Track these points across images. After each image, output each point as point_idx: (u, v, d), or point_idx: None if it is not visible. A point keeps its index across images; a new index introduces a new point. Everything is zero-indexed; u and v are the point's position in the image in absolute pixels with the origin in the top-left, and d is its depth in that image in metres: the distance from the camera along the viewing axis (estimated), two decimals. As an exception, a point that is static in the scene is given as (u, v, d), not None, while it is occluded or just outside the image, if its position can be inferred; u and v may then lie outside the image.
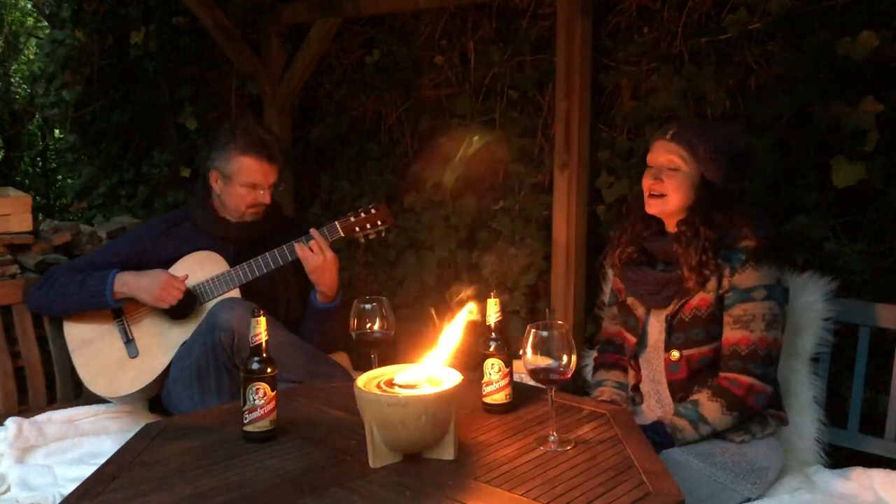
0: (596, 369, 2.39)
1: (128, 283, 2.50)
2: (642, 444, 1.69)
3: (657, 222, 2.18)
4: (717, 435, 2.05)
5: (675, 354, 2.10)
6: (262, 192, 2.55)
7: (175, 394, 2.39)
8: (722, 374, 2.06)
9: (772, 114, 2.54)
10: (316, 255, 2.48)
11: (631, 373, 2.26)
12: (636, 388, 2.25)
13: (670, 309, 2.11)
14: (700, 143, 2.05)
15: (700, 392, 2.07)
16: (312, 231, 2.51)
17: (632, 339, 2.22)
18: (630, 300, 2.23)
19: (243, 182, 2.53)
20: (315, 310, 2.60)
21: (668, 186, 2.08)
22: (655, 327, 2.16)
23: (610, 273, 2.39)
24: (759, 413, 2.08)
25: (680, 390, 2.11)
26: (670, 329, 2.11)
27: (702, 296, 2.07)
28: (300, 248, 2.48)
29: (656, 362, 2.17)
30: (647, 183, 2.12)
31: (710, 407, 2.02)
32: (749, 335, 2.02)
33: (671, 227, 2.14)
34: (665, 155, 2.09)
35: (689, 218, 2.08)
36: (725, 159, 2.05)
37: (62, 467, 2.35)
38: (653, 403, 2.20)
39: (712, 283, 2.05)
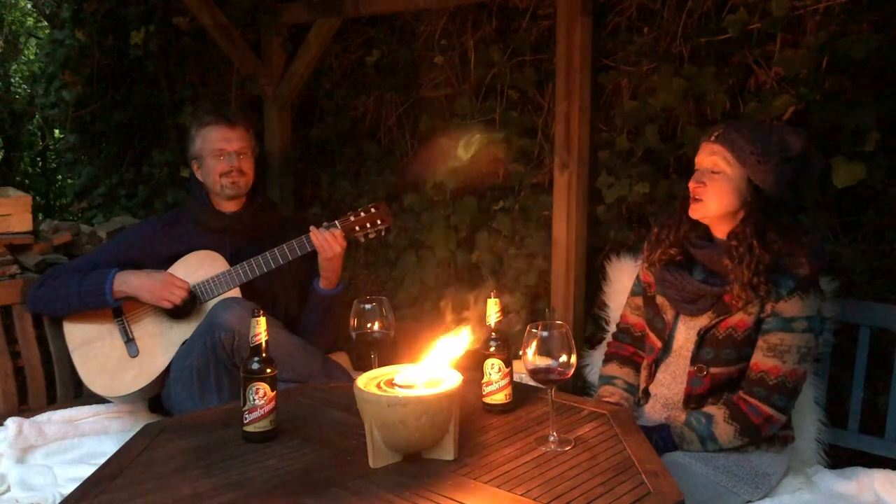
0: (607, 360, 2.31)
1: (128, 281, 2.50)
2: (642, 444, 1.69)
3: (704, 226, 2.08)
4: None
5: (703, 370, 2.03)
6: (229, 157, 2.58)
7: (175, 393, 2.39)
8: (743, 395, 2.00)
9: (772, 114, 2.53)
10: (335, 244, 2.49)
11: (644, 374, 2.20)
12: (645, 389, 2.19)
13: (705, 322, 2.03)
14: (746, 145, 1.94)
15: (715, 407, 2.02)
16: (327, 224, 2.52)
17: (657, 342, 2.14)
18: (660, 300, 2.15)
19: (209, 152, 2.59)
20: (319, 298, 2.61)
21: (710, 190, 1.98)
22: (683, 334, 2.09)
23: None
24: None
25: (695, 401, 2.06)
26: (701, 343, 2.03)
27: (741, 316, 1.98)
28: (316, 238, 2.49)
29: (677, 371, 2.10)
30: (690, 185, 2.04)
31: (723, 429, 1.99)
32: (780, 366, 1.96)
33: (718, 233, 2.05)
34: (708, 157, 2.00)
35: (741, 232, 1.96)
36: (777, 164, 1.93)
37: (62, 467, 2.36)
38: (658, 406, 2.15)
39: (754, 306, 1.97)
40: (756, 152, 1.93)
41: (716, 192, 1.99)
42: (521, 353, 1.68)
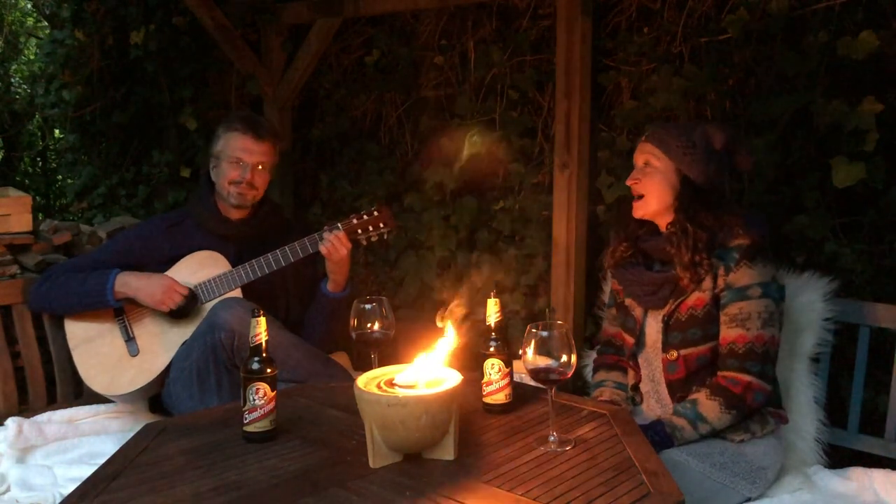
0: (596, 370, 2.40)
1: (129, 283, 2.50)
2: (642, 444, 1.69)
3: (651, 222, 2.20)
4: (717, 434, 2.05)
5: (673, 354, 2.10)
6: (245, 168, 2.56)
7: (175, 393, 2.39)
8: (720, 373, 2.06)
9: (772, 114, 2.54)
10: (341, 248, 2.49)
11: (630, 373, 2.27)
12: (636, 387, 2.25)
13: (667, 309, 2.12)
14: (672, 140, 2.09)
15: (699, 391, 2.07)
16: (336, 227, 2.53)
17: (630, 339, 2.23)
18: (628, 301, 2.24)
19: (229, 157, 2.56)
20: (326, 300, 2.61)
21: (646, 185, 2.12)
22: (653, 327, 2.17)
23: (610, 274, 2.40)
24: (757, 411, 2.08)
25: (679, 390, 2.12)
26: (667, 329, 2.12)
27: (697, 295, 2.08)
28: (323, 245, 2.49)
29: (655, 362, 2.17)
30: (629, 183, 2.17)
31: (708, 406, 2.03)
32: (745, 333, 2.02)
33: (662, 226, 2.16)
34: (641, 155, 2.15)
35: (676, 218, 2.10)
36: (702, 155, 2.07)
37: (62, 467, 2.36)
38: (652, 403, 2.20)
39: (707, 283, 2.06)
40: (681, 145, 2.08)
41: (651, 186, 2.11)
42: (521, 353, 1.68)
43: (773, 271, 2.08)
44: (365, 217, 2.54)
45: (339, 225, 2.52)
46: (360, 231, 2.53)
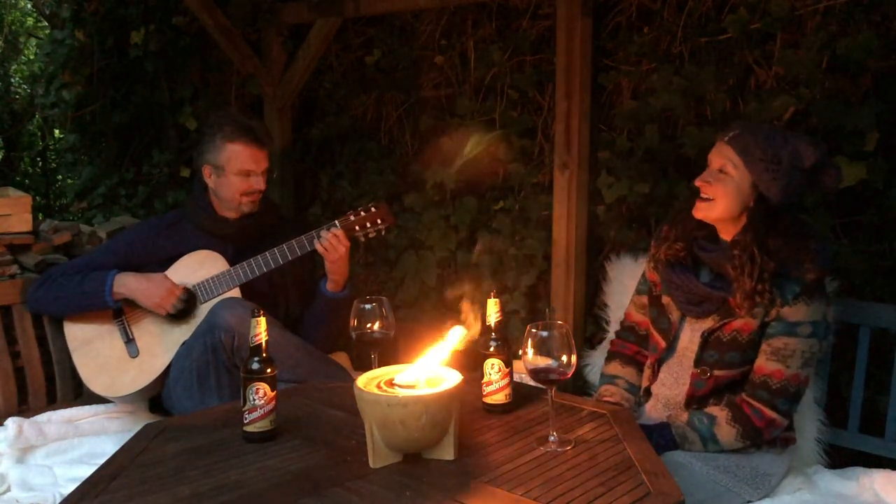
0: (610, 358, 2.29)
1: (127, 284, 2.50)
2: (642, 444, 1.69)
3: (711, 226, 2.06)
4: None
5: (706, 372, 2.02)
6: (255, 178, 2.56)
7: (175, 394, 2.39)
8: (746, 398, 1.99)
9: (772, 114, 2.53)
10: (339, 247, 2.48)
11: (647, 373, 2.18)
12: (647, 389, 2.18)
13: (709, 324, 2.01)
14: (757, 150, 1.91)
15: (717, 408, 2.02)
16: (329, 224, 2.51)
17: (661, 342, 2.12)
18: (665, 299, 2.13)
19: (236, 170, 2.54)
20: (325, 300, 2.60)
21: (717, 191, 1.96)
22: (687, 335, 2.08)
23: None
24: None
25: (697, 403, 2.06)
26: (705, 345, 2.02)
27: (746, 320, 1.97)
28: (320, 243, 2.48)
29: (680, 372, 2.09)
30: (697, 183, 2.01)
31: (726, 430, 1.98)
32: (784, 370, 1.95)
33: (725, 235, 2.03)
34: (718, 158, 1.98)
35: (742, 240, 1.94)
36: (785, 173, 1.89)
37: (62, 467, 2.36)
38: (659, 406, 2.14)
39: (759, 310, 1.95)
40: (766, 160, 1.90)
41: (721, 194, 1.96)
42: (521, 353, 1.68)
43: (825, 309, 1.99)
44: (363, 214, 2.53)
45: (336, 223, 2.52)
46: (358, 228, 2.52)
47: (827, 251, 1.98)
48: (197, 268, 2.56)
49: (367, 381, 1.64)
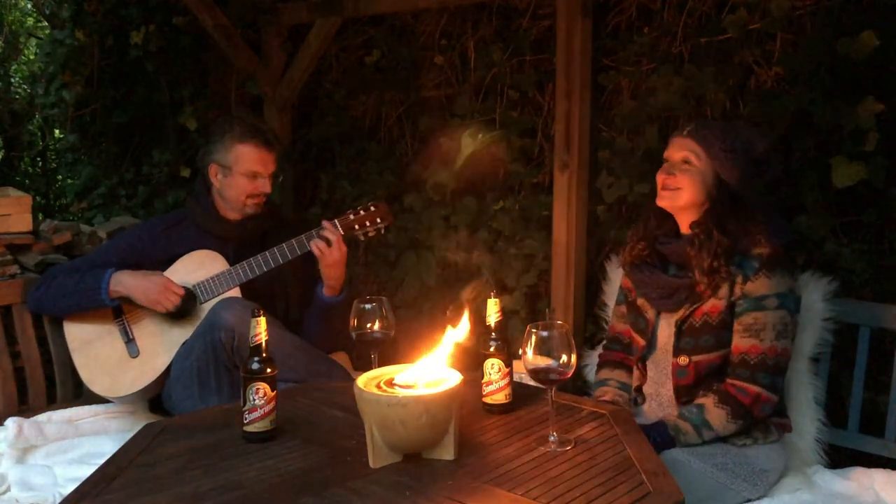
0: (600, 367, 2.38)
1: (124, 282, 2.49)
2: (642, 444, 1.69)
3: (671, 222, 2.16)
4: (720, 438, 2.04)
5: (684, 360, 2.08)
6: (262, 180, 2.56)
7: (175, 394, 2.39)
8: (729, 381, 2.04)
9: (772, 114, 2.53)
10: (333, 251, 2.47)
11: (636, 374, 2.24)
12: (639, 389, 2.23)
13: (680, 314, 2.09)
14: (716, 140, 2.05)
15: (705, 396, 2.06)
16: (326, 224, 2.50)
17: (640, 340, 2.21)
18: (640, 301, 2.21)
19: (244, 171, 2.54)
20: (322, 304, 2.60)
21: (682, 181, 2.07)
22: (665, 331, 2.15)
23: (619, 272, 2.38)
24: (762, 421, 2.07)
25: (685, 394, 2.10)
26: (680, 334, 2.09)
27: (713, 302, 2.05)
28: (315, 245, 2.47)
29: (663, 366, 2.15)
30: (660, 178, 2.12)
31: (715, 413, 2.02)
32: (759, 344, 2.01)
33: (684, 228, 2.13)
34: (679, 151, 2.10)
35: (702, 220, 2.06)
36: (742, 160, 2.04)
37: (62, 467, 2.36)
38: (654, 405, 2.19)
39: (724, 290, 2.04)
40: (725, 149, 2.04)
41: (687, 183, 2.07)
42: (521, 352, 1.68)
43: (792, 282, 2.06)
44: (362, 212, 2.53)
45: (335, 221, 2.51)
46: (357, 227, 2.52)
47: (783, 226, 2.10)
48: (197, 268, 2.56)
49: (367, 381, 1.64)
